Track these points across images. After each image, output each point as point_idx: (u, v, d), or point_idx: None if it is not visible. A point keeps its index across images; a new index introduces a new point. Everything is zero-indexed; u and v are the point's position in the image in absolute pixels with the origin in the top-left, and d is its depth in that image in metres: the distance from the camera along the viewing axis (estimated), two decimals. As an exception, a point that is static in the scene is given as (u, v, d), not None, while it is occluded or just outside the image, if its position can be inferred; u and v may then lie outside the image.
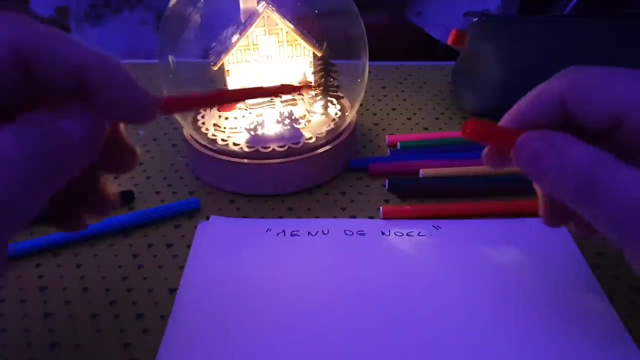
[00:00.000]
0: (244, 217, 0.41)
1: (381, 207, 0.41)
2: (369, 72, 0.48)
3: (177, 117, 0.48)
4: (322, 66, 0.45)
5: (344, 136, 0.46)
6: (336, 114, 0.47)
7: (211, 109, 0.46)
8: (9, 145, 0.18)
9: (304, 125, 0.45)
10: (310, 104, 0.46)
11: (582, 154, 0.22)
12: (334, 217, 0.41)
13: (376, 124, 0.54)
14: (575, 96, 0.25)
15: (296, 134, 0.44)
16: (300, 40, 0.45)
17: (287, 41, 0.45)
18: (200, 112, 0.48)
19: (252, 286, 0.34)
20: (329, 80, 0.45)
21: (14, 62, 0.19)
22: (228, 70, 0.44)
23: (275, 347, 0.30)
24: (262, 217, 0.41)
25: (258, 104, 0.46)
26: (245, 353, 0.29)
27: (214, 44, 0.46)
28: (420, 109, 0.57)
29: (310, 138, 0.44)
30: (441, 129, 0.53)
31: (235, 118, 0.46)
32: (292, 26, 0.44)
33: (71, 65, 0.20)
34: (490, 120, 0.27)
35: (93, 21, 1.38)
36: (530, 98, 0.27)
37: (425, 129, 0.53)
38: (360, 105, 0.53)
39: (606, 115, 0.24)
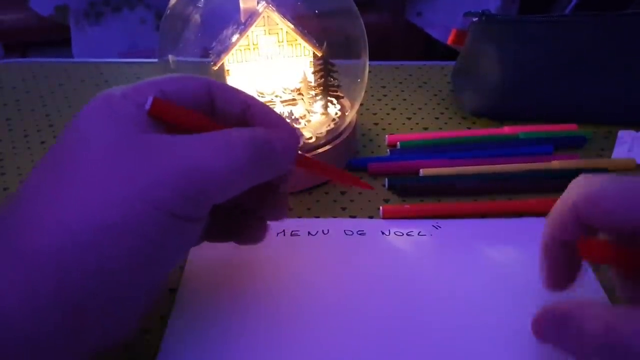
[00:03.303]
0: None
1: (381, 207, 0.41)
2: (369, 71, 0.48)
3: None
4: (322, 66, 0.45)
5: (344, 136, 0.46)
6: (336, 113, 0.47)
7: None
8: (238, 143, 0.25)
9: (304, 125, 0.45)
10: (310, 104, 0.46)
11: (594, 322, 0.23)
12: (334, 216, 0.41)
13: (376, 124, 0.54)
14: (589, 212, 0.25)
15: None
16: (300, 40, 0.45)
17: (287, 41, 0.45)
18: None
19: (252, 286, 0.34)
20: (329, 80, 0.45)
21: (206, 91, 0.28)
22: (228, 70, 0.44)
23: (275, 346, 0.30)
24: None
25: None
26: (246, 353, 0.30)
27: (214, 44, 0.46)
28: (420, 108, 0.57)
29: (310, 138, 0.44)
30: (441, 128, 0.53)
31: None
32: (292, 26, 0.44)
33: (239, 101, 0.29)
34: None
35: (92, 20, 1.38)
36: (553, 216, 0.28)
37: (425, 128, 0.53)
38: (361, 105, 0.53)
39: (621, 228, 0.25)
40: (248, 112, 0.29)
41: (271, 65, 0.45)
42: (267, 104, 0.46)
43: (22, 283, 0.21)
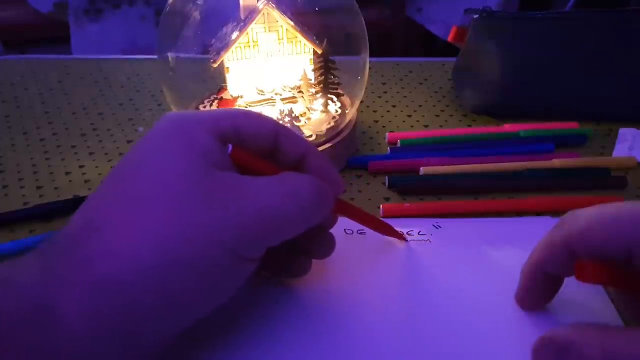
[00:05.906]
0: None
1: (381, 206, 0.41)
2: (369, 68, 0.48)
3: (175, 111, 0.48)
4: (322, 63, 0.44)
5: (344, 134, 0.46)
6: (336, 111, 0.47)
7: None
8: (304, 190, 0.27)
9: (304, 123, 0.45)
10: (310, 102, 0.46)
11: (592, 347, 0.23)
12: (334, 215, 0.41)
13: (376, 121, 0.54)
14: (581, 244, 0.26)
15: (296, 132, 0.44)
16: (300, 38, 0.44)
17: (287, 38, 0.44)
18: (200, 108, 0.47)
19: (251, 284, 0.34)
20: (329, 78, 0.45)
21: (274, 135, 0.29)
22: (228, 68, 0.44)
23: (273, 345, 0.30)
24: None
25: (257, 101, 0.46)
26: (246, 351, 0.29)
27: (213, 41, 0.45)
28: (420, 105, 0.57)
29: (311, 136, 0.44)
30: (442, 126, 0.53)
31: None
32: (292, 23, 0.44)
33: (301, 147, 0.30)
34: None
35: (92, 16, 1.37)
36: (539, 253, 0.29)
37: (426, 126, 0.53)
38: (361, 102, 0.53)
39: (614, 254, 0.25)
40: (305, 159, 0.30)
41: (271, 63, 0.45)
42: (267, 102, 0.46)
43: (89, 311, 0.23)
